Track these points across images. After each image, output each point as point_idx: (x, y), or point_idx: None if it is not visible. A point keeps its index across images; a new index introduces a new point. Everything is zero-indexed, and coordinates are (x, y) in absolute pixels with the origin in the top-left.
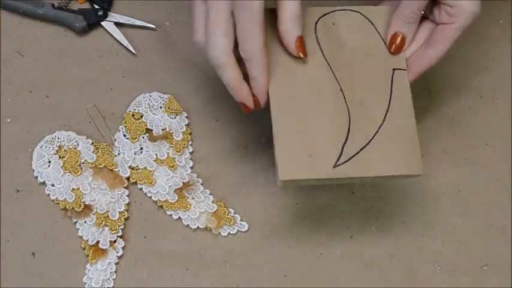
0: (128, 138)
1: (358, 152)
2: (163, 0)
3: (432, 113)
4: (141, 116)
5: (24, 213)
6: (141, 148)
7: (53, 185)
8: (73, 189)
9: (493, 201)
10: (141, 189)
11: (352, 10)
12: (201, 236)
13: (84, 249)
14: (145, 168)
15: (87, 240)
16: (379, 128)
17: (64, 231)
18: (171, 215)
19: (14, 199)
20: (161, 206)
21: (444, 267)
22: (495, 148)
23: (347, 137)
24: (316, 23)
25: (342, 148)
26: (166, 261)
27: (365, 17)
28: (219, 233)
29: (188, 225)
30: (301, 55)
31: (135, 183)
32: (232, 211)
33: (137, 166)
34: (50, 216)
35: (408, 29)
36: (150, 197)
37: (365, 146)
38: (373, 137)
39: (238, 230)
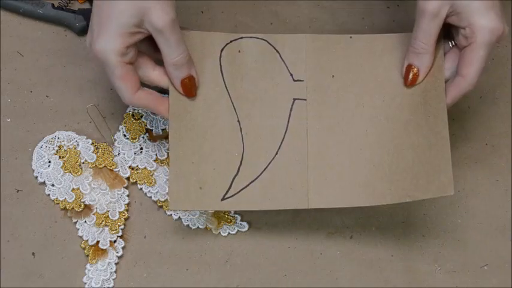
0: (128, 138)
1: (246, 186)
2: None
3: None
4: (141, 116)
5: (24, 213)
6: (141, 148)
7: (53, 185)
8: (73, 189)
9: (493, 201)
10: (141, 189)
11: (258, 38)
12: (201, 236)
13: (84, 249)
14: (145, 168)
15: (87, 240)
16: (271, 161)
17: (64, 231)
18: (171, 215)
19: (14, 199)
20: (161, 206)
21: (444, 267)
22: (495, 148)
23: (238, 170)
24: (222, 50)
25: (232, 181)
26: (166, 261)
27: (271, 45)
28: (219, 233)
29: (188, 225)
30: (187, 96)
31: (135, 183)
32: (232, 211)
33: (137, 166)
34: (50, 216)
35: (421, 61)
36: (150, 197)
37: (254, 180)
38: (263, 171)
39: (238, 230)
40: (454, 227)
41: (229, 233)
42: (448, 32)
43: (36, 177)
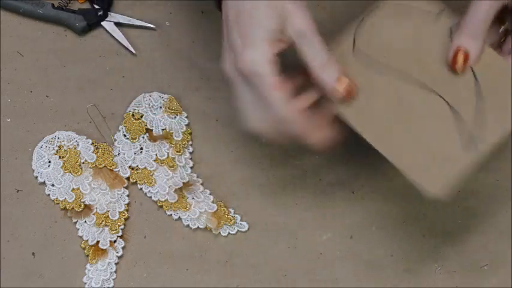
0: (128, 138)
1: (474, 127)
2: (163, 0)
3: None
4: (141, 116)
5: (24, 213)
6: (141, 148)
7: (53, 185)
8: (73, 189)
9: (493, 201)
10: (141, 189)
11: (375, 12)
12: (201, 236)
13: (84, 249)
14: (145, 168)
15: (87, 240)
16: (477, 94)
17: (64, 231)
18: (171, 215)
19: (14, 199)
20: (161, 206)
21: (444, 267)
22: (495, 148)
23: (458, 120)
24: (354, 44)
25: (460, 133)
26: (166, 261)
27: (397, 10)
28: (219, 233)
29: (188, 225)
30: (350, 94)
31: (135, 183)
32: (232, 211)
33: (137, 166)
34: (50, 216)
35: (472, 44)
36: (150, 197)
37: (476, 116)
38: (478, 107)
39: (238, 230)
40: (454, 227)
41: (229, 233)
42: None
43: (36, 177)
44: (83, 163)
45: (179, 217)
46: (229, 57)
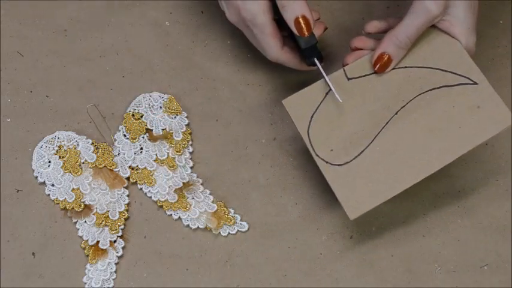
0: (128, 138)
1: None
2: (163, 0)
3: None
4: (141, 116)
5: (24, 213)
6: (141, 148)
7: (53, 185)
8: (73, 189)
9: (493, 201)
10: (141, 189)
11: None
12: (201, 236)
13: (84, 249)
14: (145, 168)
15: (87, 240)
16: None
17: (64, 231)
18: (171, 215)
19: (14, 199)
20: (161, 206)
21: (444, 267)
22: (495, 148)
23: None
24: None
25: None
26: (166, 261)
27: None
28: (219, 233)
29: (188, 225)
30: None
31: (135, 183)
32: (232, 211)
33: (137, 166)
34: (50, 216)
35: (397, 53)
36: (150, 197)
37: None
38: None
39: (238, 230)
40: (454, 227)
41: (229, 233)
42: None
43: (36, 177)
44: (83, 163)
45: (179, 217)
46: (231, 8)
